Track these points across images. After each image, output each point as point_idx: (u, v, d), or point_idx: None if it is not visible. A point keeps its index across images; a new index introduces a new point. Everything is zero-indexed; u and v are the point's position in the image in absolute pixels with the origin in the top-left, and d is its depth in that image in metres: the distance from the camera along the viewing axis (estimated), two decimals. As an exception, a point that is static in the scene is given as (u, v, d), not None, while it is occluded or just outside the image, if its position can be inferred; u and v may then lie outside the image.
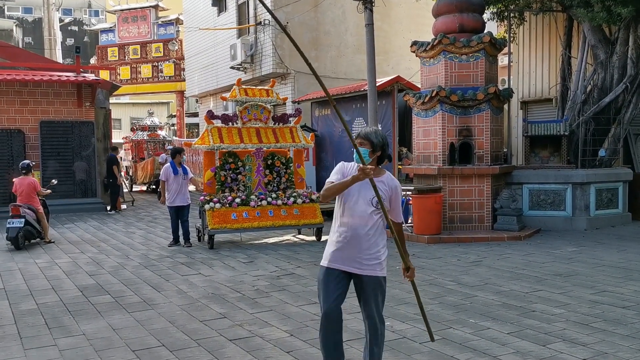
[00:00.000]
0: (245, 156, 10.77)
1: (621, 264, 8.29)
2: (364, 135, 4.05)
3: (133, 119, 41.46)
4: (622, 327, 5.45)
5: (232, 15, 20.61)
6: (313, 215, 10.81)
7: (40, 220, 10.89)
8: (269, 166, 10.94)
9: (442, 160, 11.07)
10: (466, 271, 7.99)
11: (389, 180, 4.05)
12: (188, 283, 7.57)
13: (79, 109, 16.35)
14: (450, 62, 11.07)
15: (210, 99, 24.39)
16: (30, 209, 10.71)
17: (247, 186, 10.74)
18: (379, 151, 4.03)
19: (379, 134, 4.06)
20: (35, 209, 10.83)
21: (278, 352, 4.97)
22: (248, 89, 11.06)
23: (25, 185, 10.82)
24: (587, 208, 11.49)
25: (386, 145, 4.07)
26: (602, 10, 11.15)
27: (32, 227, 10.62)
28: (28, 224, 10.47)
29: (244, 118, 10.87)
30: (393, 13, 19.63)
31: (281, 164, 11.01)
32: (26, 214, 10.47)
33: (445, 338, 5.22)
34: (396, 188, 4.06)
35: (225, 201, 10.27)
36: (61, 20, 47.30)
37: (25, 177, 10.91)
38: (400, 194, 4.12)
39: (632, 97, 12.28)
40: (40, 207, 11.00)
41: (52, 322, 5.93)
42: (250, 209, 10.37)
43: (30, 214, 10.62)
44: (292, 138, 11.12)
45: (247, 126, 10.86)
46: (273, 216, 10.47)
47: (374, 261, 4.02)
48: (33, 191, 10.89)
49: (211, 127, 10.65)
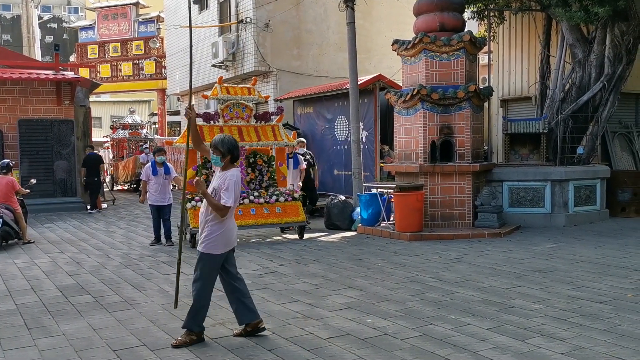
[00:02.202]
0: None
1: (599, 259, 8.43)
2: (214, 146, 5.17)
3: (114, 117, 41.11)
4: (599, 321, 5.54)
5: (213, 13, 20.53)
6: (295, 213, 10.75)
7: (19, 220, 10.71)
8: (251, 164, 10.88)
9: (424, 158, 11.14)
10: (447, 268, 8.06)
11: (227, 173, 5.19)
12: (170, 282, 7.53)
13: (58, 108, 16.15)
14: (431, 61, 11.14)
15: (192, 97, 24.23)
16: (7, 209, 10.51)
17: None
18: (229, 155, 5.18)
19: (225, 142, 5.17)
20: (13, 209, 10.63)
21: (260, 350, 4.97)
22: (230, 87, 11.01)
23: (4, 185, 10.66)
24: (565, 205, 11.65)
25: (233, 148, 5.18)
26: (579, 10, 11.29)
27: (10, 227, 10.39)
28: (5, 224, 10.26)
29: (226, 116, 10.80)
30: (374, 11, 19.70)
31: (263, 162, 10.96)
32: (3, 214, 10.28)
33: (425, 334, 5.27)
34: (227, 178, 5.13)
35: None
36: (40, 17, 46.61)
37: (3, 176, 10.76)
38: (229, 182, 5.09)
39: (609, 96, 12.46)
40: (19, 207, 10.82)
41: (32, 322, 5.87)
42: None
43: (7, 214, 10.43)
44: (274, 136, 11.07)
45: (229, 124, 10.79)
46: (255, 214, 10.41)
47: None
48: (11, 191, 10.75)
49: None
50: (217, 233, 5.19)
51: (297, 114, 16.92)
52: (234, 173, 5.19)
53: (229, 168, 5.22)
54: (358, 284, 7.23)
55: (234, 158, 5.24)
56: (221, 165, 5.21)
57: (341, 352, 4.87)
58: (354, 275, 7.69)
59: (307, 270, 8.07)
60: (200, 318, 5.19)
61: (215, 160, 5.20)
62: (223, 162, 5.19)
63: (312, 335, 5.32)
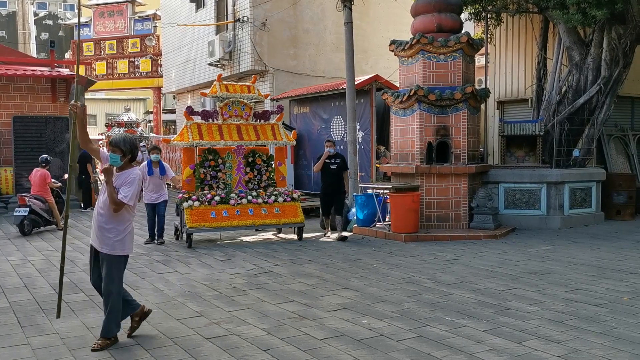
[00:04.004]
0: (225, 153, 10.56)
1: (594, 262, 8.43)
2: (114, 144, 5.10)
3: (109, 115, 40.96)
4: (595, 324, 5.53)
5: (210, 12, 20.46)
6: (294, 214, 10.62)
7: (52, 209, 11.88)
8: (250, 164, 10.73)
9: (420, 159, 11.13)
10: (443, 269, 8.05)
11: (127, 173, 5.14)
12: (164, 281, 7.50)
13: (53, 104, 16.08)
14: (428, 62, 11.13)
15: (188, 96, 24.20)
16: (37, 199, 11.61)
17: (227, 184, 10.51)
18: (129, 154, 5.14)
19: (127, 141, 5.14)
20: (44, 199, 11.79)
21: (255, 350, 4.94)
22: (229, 84, 10.90)
23: (38, 177, 12.00)
24: (561, 207, 11.66)
25: (134, 148, 5.17)
26: (577, 13, 11.30)
27: (39, 216, 11.54)
28: (33, 212, 11.42)
29: (225, 114, 10.65)
30: (372, 12, 19.68)
31: (262, 161, 10.81)
32: (32, 204, 11.39)
33: (422, 335, 5.25)
34: (127, 177, 5.09)
35: (204, 199, 10.05)
36: (36, 14, 46.51)
37: (39, 169, 12.10)
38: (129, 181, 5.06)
39: (605, 99, 12.48)
40: (51, 198, 12.00)
41: (25, 320, 5.82)
42: (230, 207, 10.16)
43: (37, 204, 11.51)
44: (273, 135, 10.95)
45: (227, 123, 10.65)
46: (253, 215, 10.28)
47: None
48: (44, 183, 11.98)
49: (191, 124, 10.40)
50: (126, 233, 5.17)
51: (293, 114, 16.88)
52: (137, 172, 5.19)
53: (127, 168, 5.17)
54: (354, 284, 7.21)
55: (133, 158, 5.21)
56: (120, 164, 5.12)
57: (337, 353, 4.84)
58: (350, 276, 7.66)
59: (302, 271, 8.04)
60: (120, 319, 5.17)
61: (114, 160, 5.08)
62: (123, 161, 5.12)
63: (307, 335, 5.29)
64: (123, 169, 5.16)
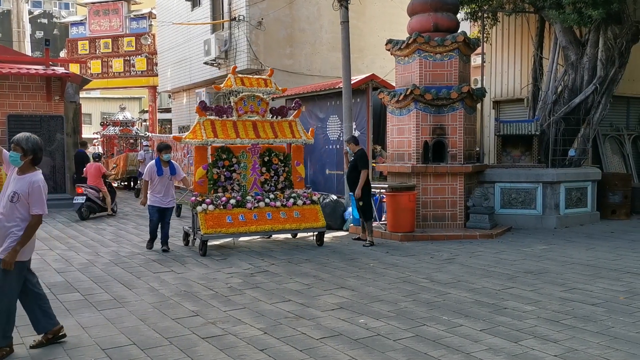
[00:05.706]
0: (239, 152, 9.78)
1: (590, 261, 8.44)
2: (16, 142, 4.72)
3: (104, 113, 40.82)
4: (591, 323, 5.54)
5: (206, 10, 20.42)
6: (315, 218, 9.83)
7: (105, 198, 13.85)
8: (266, 163, 9.97)
9: (416, 159, 11.13)
10: (439, 269, 8.04)
11: (30, 177, 4.74)
12: (160, 280, 7.46)
13: (47, 103, 15.99)
14: (424, 61, 11.12)
15: (184, 95, 24.14)
16: (92, 189, 13.51)
17: (242, 185, 9.77)
18: (31, 155, 4.73)
19: (30, 140, 4.74)
20: (98, 188, 13.69)
21: (251, 349, 4.92)
22: (245, 77, 10.06)
23: (93, 169, 13.80)
24: (557, 207, 11.67)
25: (37, 149, 4.76)
26: (573, 12, 11.32)
27: (94, 203, 13.51)
28: (89, 200, 13.34)
29: (240, 110, 9.77)
30: (368, 11, 19.67)
31: (279, 161, 10.05)
32: (88, 193, 13.31)
33: (418, 335, 5.24)
34: (33, 183, 4.70)
35: (219, 202, 9.27)
36: (30, 12, 46.32)
37: (94, 163, 14.01)
38: (36, 189, 4.69)
39: (601, 98, 12.51)
40: (104, 187, 13.88)
41: (20, 320, 5.76)
42: (246, 212, 9.37)
43: (92, 193, 13.44)
44: (291, 133, 10.15)
45: (243, 119, 9.82)
46: (272, 219, 9.51)
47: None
48: (99, 174, 13.77)
49: (204, 120, 9.54)
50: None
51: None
52: (40, 178, 4.79)
53: (29, 171, 4.79)
54: (350, 284, 7.20)
55: (36, 160, 4.80)
56: (20, 164, 4.73)
57: (334, 353, 4.82)
58: (346, 275, 7.65)
59: (298, 270, 8.02)
60: (9, 328, 4.86)
61: (13, 158, 4.73)
62: (23, 161, 4.73)
63: (304, 335, 5.27)
64: (24, 172, 4.76)
